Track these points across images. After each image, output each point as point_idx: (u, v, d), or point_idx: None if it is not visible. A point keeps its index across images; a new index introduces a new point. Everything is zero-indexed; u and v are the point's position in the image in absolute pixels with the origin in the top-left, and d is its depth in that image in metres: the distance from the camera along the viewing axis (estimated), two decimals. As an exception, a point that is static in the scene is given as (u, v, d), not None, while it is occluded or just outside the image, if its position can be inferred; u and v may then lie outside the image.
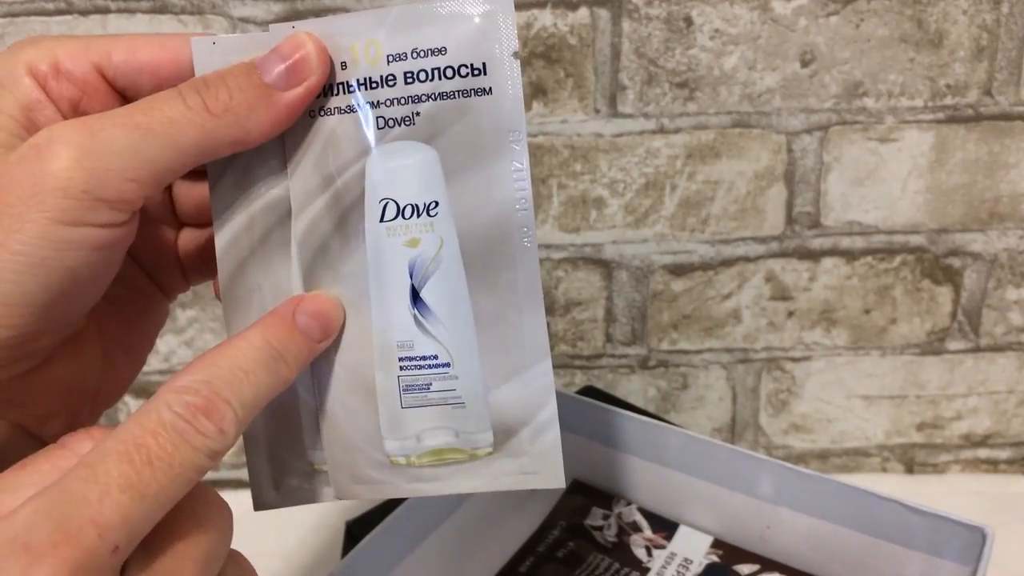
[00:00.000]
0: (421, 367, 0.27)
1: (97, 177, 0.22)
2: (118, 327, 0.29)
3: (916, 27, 0.57)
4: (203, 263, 0.30)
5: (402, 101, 0.26)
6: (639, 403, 0.66)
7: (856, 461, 0.68)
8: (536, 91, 0.58)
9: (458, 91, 0.25)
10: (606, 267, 0.63)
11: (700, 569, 0.47)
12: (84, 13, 0.56)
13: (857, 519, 0.44)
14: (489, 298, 0.26)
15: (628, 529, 0.50)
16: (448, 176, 0.26)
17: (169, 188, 0.29)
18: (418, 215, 0.26)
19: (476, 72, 0.25)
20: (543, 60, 0.58)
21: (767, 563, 0.47)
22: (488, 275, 0.26)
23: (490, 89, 0.25)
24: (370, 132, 0.26)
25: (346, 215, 0.27)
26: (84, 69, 0.25)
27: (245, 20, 0.57)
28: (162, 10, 0.56)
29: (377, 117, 0.26)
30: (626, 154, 0.60)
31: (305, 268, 0.27)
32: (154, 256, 0.30)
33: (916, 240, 0.62)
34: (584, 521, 0.50)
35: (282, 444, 0.28)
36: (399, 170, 0.26)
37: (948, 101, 0.59)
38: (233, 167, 0.27)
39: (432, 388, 0.27)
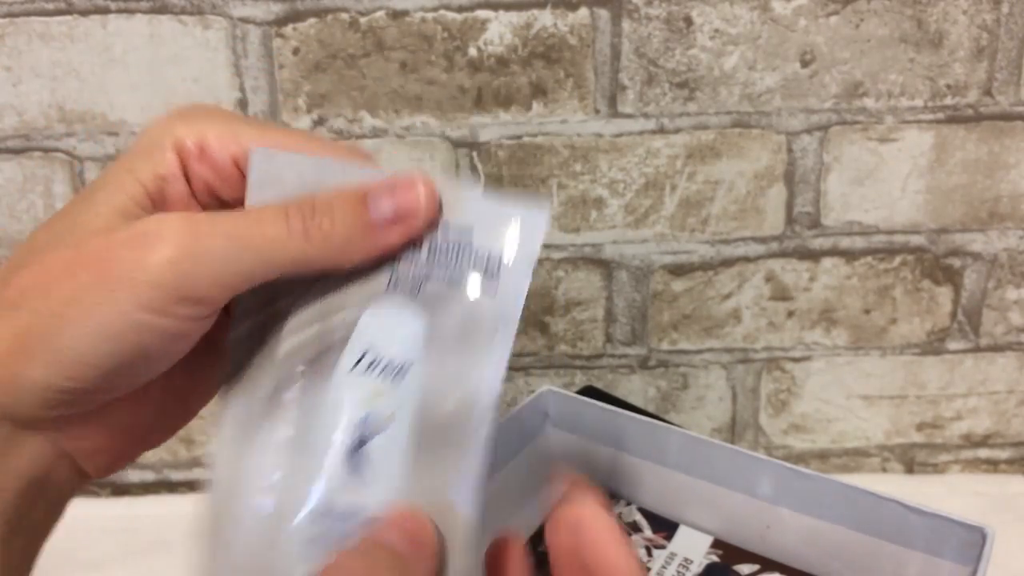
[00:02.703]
0: (336, 520, 0.26)
1: (189, 279, 0.23)
2: (183, 380, 0.29)
3: (916, 27, 0.57)
4: None
5: (417, 268, 0.27)
6: (639, 403, 0.66)
7: (856, 461, 0.68)
8: (536, 91, 0.58)
9: (467, 282, 0.26)
10: (606, 267, 0.63)
11: (700, 569, 0.47)
12: (84, 13, 0.56)
13: (857, 519, 0.44)
14: (427, 473, 0.26)
15: (628, 529, 0.50)
16: (428, 348, 0.26)
17: None
18: (388, 374, 0.26)
19: (491, 268, 0.26)
20: (543, 60, 0.58)
21: (767, 563, 0.47)
22: (433, 451, 0.26)
23: (496, 290, 0.26)
24: (378, 286, 0.27)
25: (327, 352, 0.27)
26: (227, 156, 0.26)
27: (245, 20, 0.57)
28: (162, 10, 0.56)
29: (391, 275, 0.27)
30: (626, 154, 0.60)
31: (277, 384, 0.27)
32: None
33: (916, 240, 0.62)
34: (584, 521, 0.50)
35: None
36: (387, 328, 0.27)
37: (948, 101, 0.59)
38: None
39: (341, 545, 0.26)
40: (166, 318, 0.23)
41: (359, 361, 0.27)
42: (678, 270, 0.63)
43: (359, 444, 0.26)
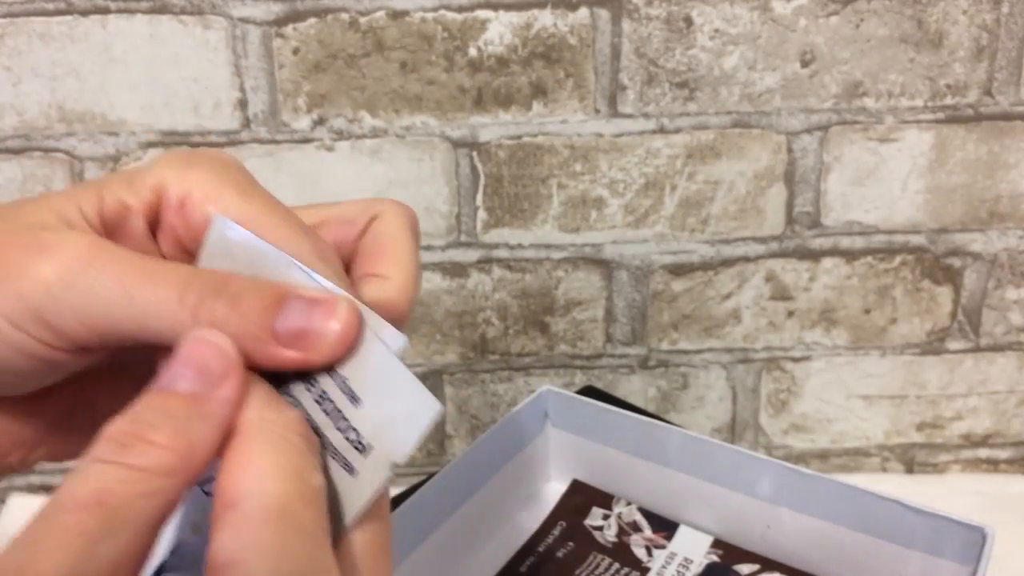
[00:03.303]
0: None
1: (54, 304, 0.21)
2: (104, 391, 0.27)
3: (916, 27, 0.57)
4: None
5: (296, 404, 0.24)
6: (639, 403, 0.66)
7: (856, 461, 0.68)
8: (536, 91, 0.58)
9: (333, 450, 0.23)
10: (606, 267, 0.63)
11: (700, 569, 0.47)
12: (84, 13, 0.56)
13: (857, 519, 0.44)
14: None
15: (628, 529, 0.50)
16: None
17: None
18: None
19: (360, 447, 0.23)
20: (543, 60, 0.58)
21: (767, 563, 0.47)
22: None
23: (355, 471, 0.23)
24: None
25: None
26: (202, 214, 0.24)
27: (245, 20, 0.57)
28: (162, 10, 0.56)
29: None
30: (626, 154, 0.60)
31: None
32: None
33: (916, 240, 0.62)
34: (584, 521, 0.50)
35: None
36: None
37: (948, 101, 0.59)
38: None
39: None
40: (20, 333, 0.22)
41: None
42: (678, 270, 0.63)
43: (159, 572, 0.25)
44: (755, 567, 0.47)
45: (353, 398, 0.23)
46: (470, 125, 0.59)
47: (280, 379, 0.23)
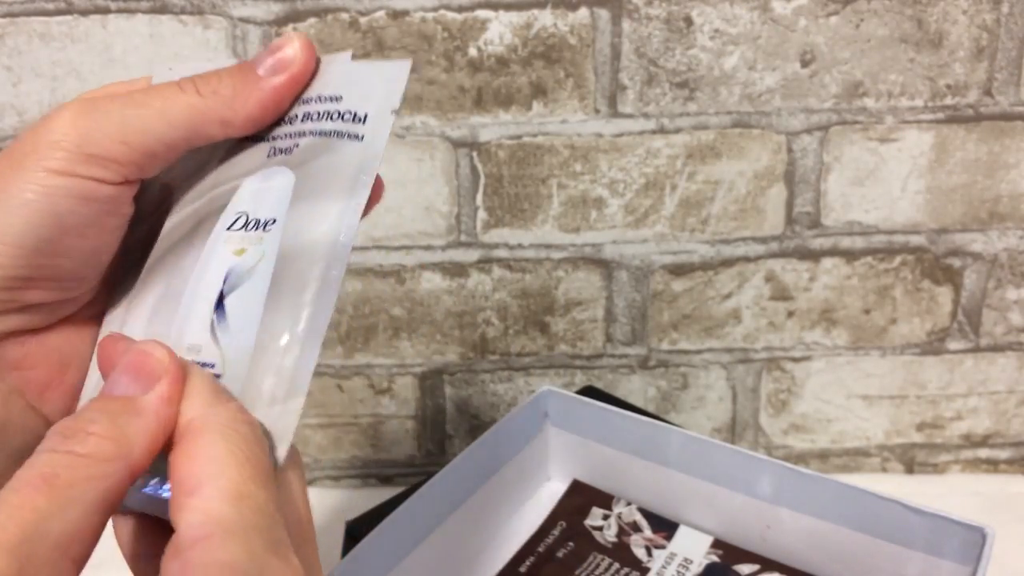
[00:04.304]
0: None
1: (89, 136, 0.25)
2: None
3: (916, 27, 0.57)
4: None
5: (292, 135, 0.28)
6: (639, 403, 0.66)
7: (856, 461, 0.68)
8: (536, 91, 0.58)
9: (335, 131, 0.28)
10: (606, 267, 0.63)
11: (700, 569, 0.47)
12: (84, 13, 0.56)
13: (857, 519, 0.44)
14: (279, 318, 0.26)
15: (628, 529, 0.50)
16: (293, 200, 0.27)
17: None
18: (256, 229, 0.27)
19: (357, 120, 0.28)
20: (543, 60, 0.58)
21: (767, 563, 0.47)
22: (287, 297, 0.26)
23: (362, 137, 0.27)
24: (261, 159, 0.29)
25: (206, 219, 0.28)
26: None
27: (245, 20, 0.57)
28: (162, 10, 0.56)
29: (270, 147, 0.29)
30: (626, 154, 0.60)
31: (154, 259, 0.29)
32: None
33: (916, 240, 0.62)
34: (584, 521, 0.50)
35: None
36: (262, 190, 0.28)
37: (948, 101, 0.59)
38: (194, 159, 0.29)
39: None
40: (73, 177, 0.24)
41: (233, 223, 0.28)
42: (678, 270, 0.63)
43: (220, 299, 0.27)
44: (755, 567, 0.47)
45: (335, 99, 0.28)
46: (470, 125, 0.59)
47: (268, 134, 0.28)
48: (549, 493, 0.53)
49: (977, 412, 0.67)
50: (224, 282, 0.27)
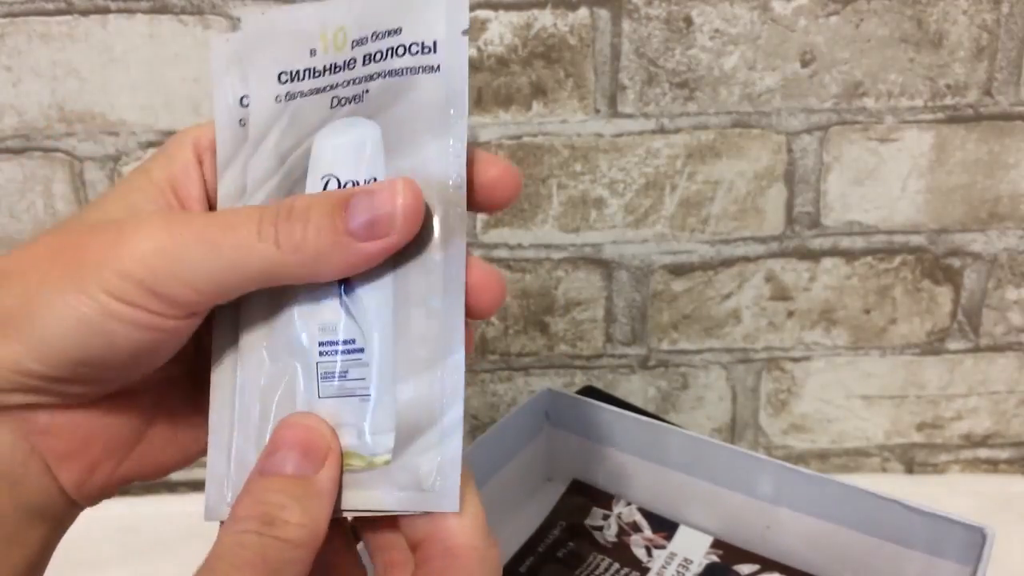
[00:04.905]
0: (339, 352, 0.25)
1: (157, 276, 0.23)
2: (181, 407, 0.29)
3: (916, 27, 0.57)
4: None
5: (356, 81, 0.26)
6: (639, 403, 0.66)
7: (856, 461, 0.68)
8: (536, 91, 0.58)
9: (407, 68, 0.25)
10: (606, 267, 0.63)
11: (700, 569, 0.47)
12: (84, 13, 0.56)
13: (857, 519, 0.44)
14: (414, 278, 0.25)
15: (628, 529, 0.50)
16: (388, 151, 0.25)
17: None
18: None
19: (427, 50, 0.25)
20: (543, 60, 0.58)
21: (767, 563, 0.47)
22: (415, 254, 0.25)
23: (438, 67, 0.25)
24: (323, 112, 0.26)
25: (291, 193, 0.26)
26: None
27: (245, 20, 0.57)
28: (162, 10, 0.56)
29: (332, 97, 0.26)
30: (626, 154, 0.60)
31: None
32: None
33: (916, 240, 0.62)
34: (584, 521, 0.50)
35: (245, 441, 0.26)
36: (341, 147, 0.26)
37: (948, 101, 0.59)
38: None
39: (348, 376, 0.25)
40: (134, 309, 0.23)
41: (324, 188, 0.26)
42: (678, 270, 0.63)
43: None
44: (755, 567, 0.47)
45: (393, 32, 0.26)
46: (470, 125, 0.59)
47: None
48: (549, 493, 0.53)
49: (977, 412, 0.67)
50: None
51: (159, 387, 0.28)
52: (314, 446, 0.24)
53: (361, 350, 0.25)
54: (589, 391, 0.59)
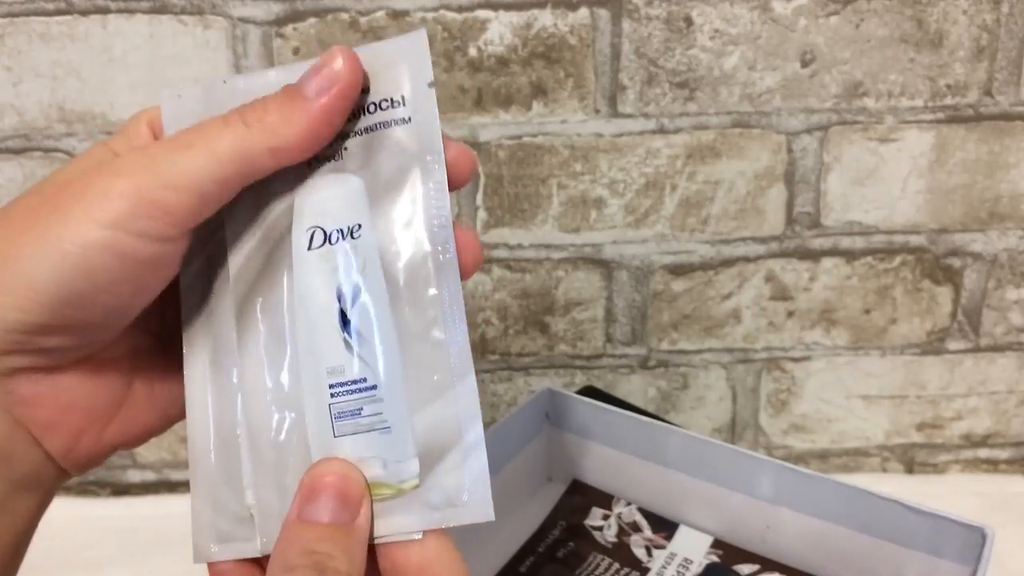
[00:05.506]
0: (352, 391, 0.26)
1: (139, 185, 0.24)
2: (156, 371, 0.29)
3: (916, 27, 0.57)
4: None
5: (331, 142, 0.27)
6: (639, 403, 0.66)
7: (856, 461, 0.68)
8: (536, 91, 0.58)
9: (380, 123, 0.27)
10: (606, 267, 0.63)
11: (700, 569, 0.47)
12: (84, 13, 0.56)
13: (857, 519, 0.44)
14: (413, 315, 0.26)
15: (628, 529, 0.50)
16: (372, 200, 0.27)
17: None
18: (343, 239, 0.27)
19: (396, 104, 0.27)
20: (543, 60, 0.58)
21: (767, 563, 0.47)
22: (410, 292, 0.27)
23: (409, 118, 0.27)
24: (302, 171, 0.28)
25: (275, 248, 0.28)
26: None
27: (245, 20, 0.57)
28: (162, 10, 0.56)
29: (310, 159, 0.27)
30: (626, 154, 0.60)
31: (239, 302, 0.28)
32: None
33: (916, 240, 0.62)
34: (584, 521, 0.50)
35: (223, 482, 0.27)
36: (325, 200, 0.27)
37: (948, 101, 0.59)
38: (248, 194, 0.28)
39: (363, 413, 0.26)
40: (118, 233, 0.24)
41: (311, 240, 0.27)
42: (678, 270, 0.63)
43: (343, 316, 0.27)
44: (755, 567, 0.47)
45: (362, 91, 0.27)
46: (470, 125, 0.59)
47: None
48: (549, 493, 0.53)
49: (977, 412, 0.67)
50: (339, 300, 0.27)
51: (132, 355, 0.29)
52: (350, 493, 0.26)
53: (374, 387, 0.26)
54: (589, 391, 0.59)
